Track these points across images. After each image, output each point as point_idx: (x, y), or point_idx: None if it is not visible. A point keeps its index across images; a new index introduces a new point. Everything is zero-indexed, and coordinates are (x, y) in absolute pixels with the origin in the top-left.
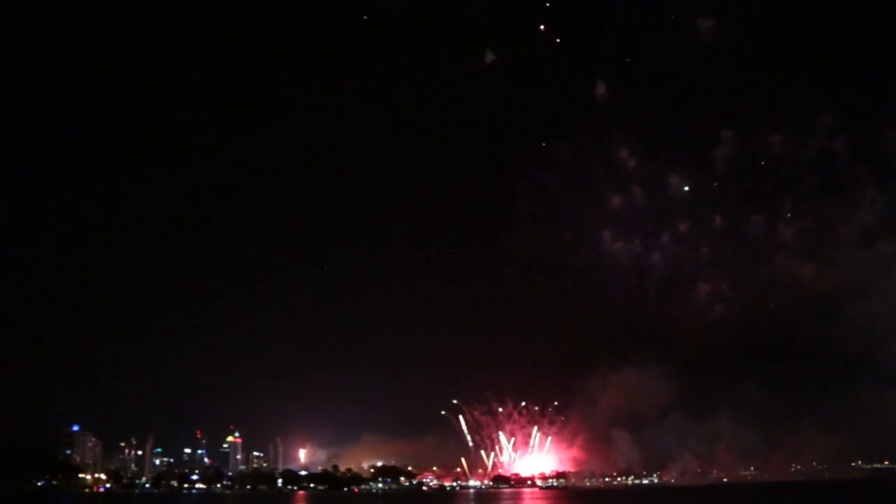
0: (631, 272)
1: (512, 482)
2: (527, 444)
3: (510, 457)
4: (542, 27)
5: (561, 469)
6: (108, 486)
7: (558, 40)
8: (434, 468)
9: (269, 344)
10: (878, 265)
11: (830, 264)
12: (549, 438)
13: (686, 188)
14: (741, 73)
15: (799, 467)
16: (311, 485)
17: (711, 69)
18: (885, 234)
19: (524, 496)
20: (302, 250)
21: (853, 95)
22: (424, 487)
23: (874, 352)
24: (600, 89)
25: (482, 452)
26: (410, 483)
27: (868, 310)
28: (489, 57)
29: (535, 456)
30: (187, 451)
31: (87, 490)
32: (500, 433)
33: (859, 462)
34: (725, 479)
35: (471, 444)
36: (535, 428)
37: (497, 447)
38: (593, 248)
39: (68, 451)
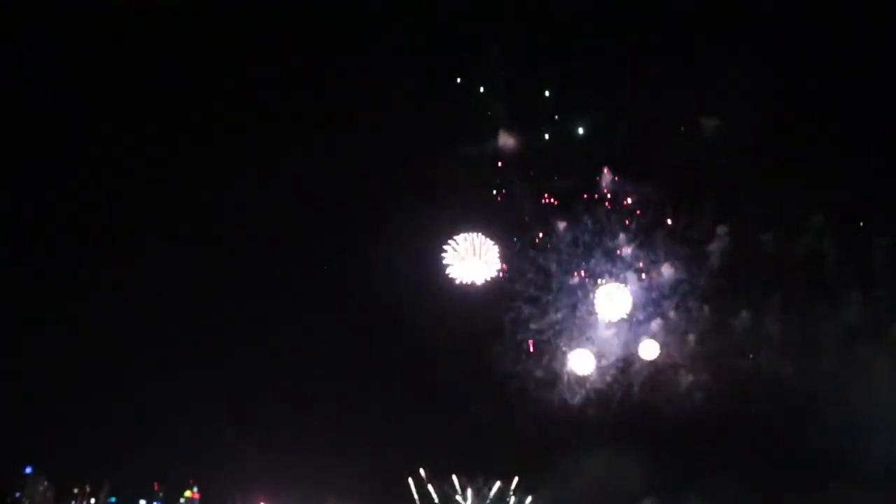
0: (618, 357)
1: None
2: None
3: None
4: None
5: None
6: None
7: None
8: None
9: (237, 399)
10: (858, 367)
11: (811, 362)
12: None
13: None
14: (740, 171)
15: None
16: None
17: (712, 166)
18: (866, 337)
19: None
20: (275, 302)
21: (845, 199)
22: None
23: (848, 452)
24: (605, 177)
25: None
26: None
27: (846, 408)
28: (500, 141)
29: None
30: (143, 502)
31: None
32: None
33: None
34: None
35: None
36: None
37: None
38: (583, 331)
39: (18, 494)
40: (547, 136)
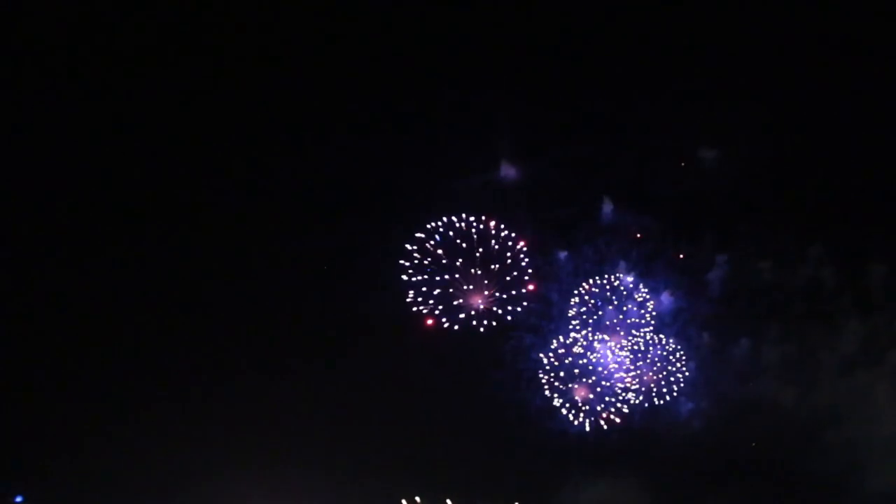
0: (619, 385)
1: None
2: None
3: None
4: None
5: None
6: None
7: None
8: None
9: (231, 431)
10: (857, 393)
11: (811, 389)
12: None
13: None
14: (738, 202)
15: None
16: None
17: (711, 196)
18: (865, 363)
19: None
20: (270, 327)
21: (842, 229)
22: None
23: (849, 478)
24: (606, 207)
25: None
26: None
27: (845, 436)
28: (504, 170)
29: None
30: None
31: None
32: None
33: None
34: None
35: None
36: None
37: None
38: (583, 360)
39: None
40: (547, 165)
